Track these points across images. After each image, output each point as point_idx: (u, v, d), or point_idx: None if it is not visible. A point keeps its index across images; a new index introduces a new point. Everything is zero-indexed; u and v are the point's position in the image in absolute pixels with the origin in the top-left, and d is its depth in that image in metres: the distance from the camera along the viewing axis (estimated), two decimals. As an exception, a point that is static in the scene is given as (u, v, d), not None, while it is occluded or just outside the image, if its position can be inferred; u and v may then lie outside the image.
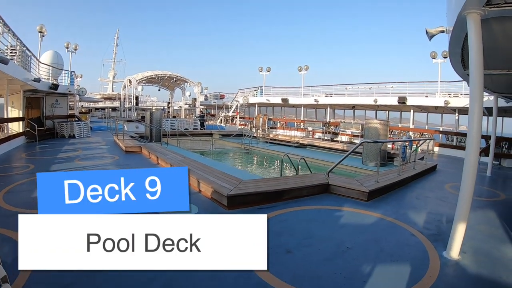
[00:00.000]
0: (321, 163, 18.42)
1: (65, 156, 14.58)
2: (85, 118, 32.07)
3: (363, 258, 5.37)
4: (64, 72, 26.89)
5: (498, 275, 5.09)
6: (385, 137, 17.91)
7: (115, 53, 73.66)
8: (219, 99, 51.07)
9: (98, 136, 24.58)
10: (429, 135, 24.73)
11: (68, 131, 23.20)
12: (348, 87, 33.32)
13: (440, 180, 12.99)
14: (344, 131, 29.24)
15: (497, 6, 5.15)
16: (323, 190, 9.39)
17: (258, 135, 29.79)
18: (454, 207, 5.99)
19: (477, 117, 5.41)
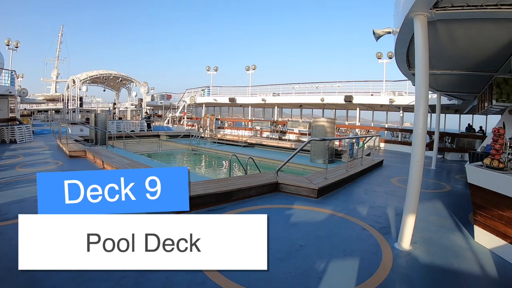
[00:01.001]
0: (270, 162, 18.54)
1: (5, 164, 13.64)
2: (27, 122, 30.19)
3: (317, 255, 5.38)
4: (4, 72, 25.29)
5: (450, 262, 5.33)
6: (332, 135, 18.14)
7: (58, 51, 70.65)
8: (166, 99, 49.86)
9: (41, 140, 23.41)
10: (375, 132, 25.45)
11: (8, 135, 21.90)
12: (295, 87, 33.63)
13: (387, 174, 13.42)
14: (292, 130, 29.62)
15: (443, 9, 5.43)
16: (273, 189, 9.34)
17: (205, 136, 29.57)
18: (402, 200, 6.19)
19: (422, 114, 5.66)
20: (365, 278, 4.62)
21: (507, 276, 5.02)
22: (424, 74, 5.59)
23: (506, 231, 5.51)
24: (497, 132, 6.05)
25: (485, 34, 7.03)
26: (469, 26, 6.52)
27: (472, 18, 5.84)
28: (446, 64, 10.01)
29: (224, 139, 28.37)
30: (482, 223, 6.08)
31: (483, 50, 8.35)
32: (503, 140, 6.11)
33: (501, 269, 5.21)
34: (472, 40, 7.49)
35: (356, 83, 29.35)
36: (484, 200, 5.97)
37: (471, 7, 5.39)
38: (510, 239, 5.43)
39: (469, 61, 9.53)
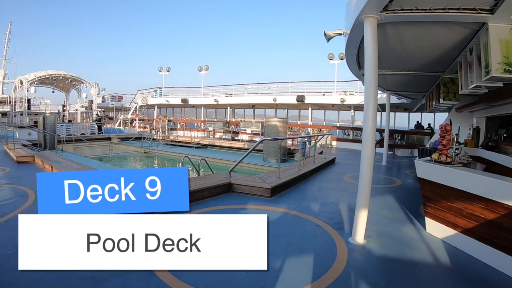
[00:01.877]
0: (223, 163, 18.57)
1: None
2: None
3: (272, 254, 5.10)
4: None
5: (403, 253, 5.56)
6: (285, 134, 18.31)
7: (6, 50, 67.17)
8: (117, 100, 48.35)
9: None
10: (327, 131, 25.89)
11: None
12: (248, 87, 33.63)
13: (339, 171, 13.73)
14: (245, 130, 29.74)
15: (393, 12, 5.67)
16: (226, 189, 9.24)
17: (158, 137, 29.21)
18: (354, 196, 6.32)
19: (371, 113, 5.86)
20: (322, 274, 4.69)
21: (459, 262, 5.30)
22: (373, 75, 5.78)
23: (456, 221, 5.81)
24: (444, 128, 6.37)
25: (433, 37, 7.35)
26: (417, 29, 6.81)
27: (421, 21, 6.12)
28: (396, 64, 10.40)
29: (176, 140, 28.04)
30: (432, 214, 6.39)
31: (431, 52, 8.72)
32: (450, 136, 6.45)
33: (453, 256, 5.50)
34: (420, 42, 7.82)
35: (308, 83, 29.71)
36: (434, 193, 6.27)
37: (419, 10, 5.65)
38: (460, 228, 5.74)
39: (418, 62, 9.94)
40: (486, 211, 5.21)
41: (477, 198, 5.34)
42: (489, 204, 5.13)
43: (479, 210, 5.32)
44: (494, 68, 5.91)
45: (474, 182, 5.46)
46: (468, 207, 5.53)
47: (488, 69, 6.09)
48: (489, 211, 5.15)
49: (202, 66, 37.72)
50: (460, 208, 5.69)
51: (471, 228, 5.53)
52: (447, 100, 11.25)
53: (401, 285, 4.58)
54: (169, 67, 40.59)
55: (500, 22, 5.78)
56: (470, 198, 5.48)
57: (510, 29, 5.81)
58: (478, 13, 5.59)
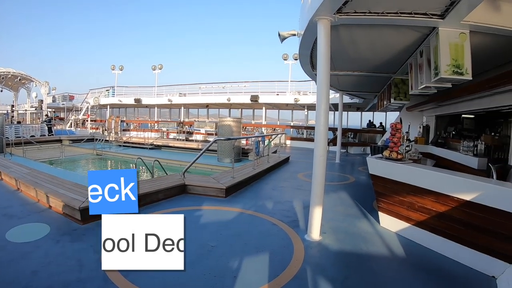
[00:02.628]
0: (177, 164, 18.35)
1: None
2: None
3: (230, 254, 5.36)
4: None
5: (359, 247, 5.73)
6: (239, 134, 18.38)
7: None
8: (69, 100, 46.66)
9: None
10: (280, 130, 26.16)
11: None
12: (202, 87, 33.40)
13: (293, 170, 13.91)
14: (199, 130, 29.61)
15: (346, 14, 5.84)
16: (180, 191, 9.19)
17: (110, 139, 28.50)
18: (309, 193, 6.39)
19: (324, 112, 6.00)
20: (280, 272, 4.75)
21: (414, 253, 5.55)
22: (326, 75, 5.93)
23: (408, 215, 6.06)
24: (394, 126, 6.63)
25: (385, 39, 7.60)
26: (370, 31, 7.05)
27: (374, 24, 6.31)
28: (348, 65, 10.69)
29: (130, 141, 27.56)
30: (385, 209, 6.64)
31: (382, 54, 9.00)
32: (401, 134, 6.70)
33: (407, 248, 5.75)
34: (372, 44, 8.07)
35: (262, 83, 29.87)
36: (386, 188, 6.50)
37: (372, 13, 5.84)
38: (413, 221, 6.00)
39: (370, 63, 10.24)
40: (437, 204, 5.46)
41: (428, 192, 5.59)
42: (439, 198, 5.38)
43: (430, 203, 5.57)
44: (443, 70, 6.18)
45: (424, 177, 5.71)
46: (420, 201, 5.78)
47: (437, 71, 6.36)
48: (440, 204, 5.40)
49: (156, 65, 37.13)
50: (412, 202, 5.94)
51: (423, 221, 5.79)
52: (398, 100, 11.64)
53: (358, 279, 4.69)
54: (122, 65, 39.68)
55: (450, 26, 6.05)
56: (421, 192, 5.72)
57: (459, 33, 6.10)
58: (429, 18, 5.84)
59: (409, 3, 5.57)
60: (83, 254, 5.22)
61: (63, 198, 7.39)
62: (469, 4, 5.16)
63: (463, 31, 6.09)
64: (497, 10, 5.56)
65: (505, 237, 4.60)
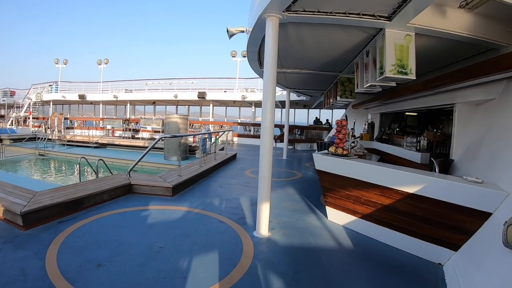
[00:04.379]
0: (123, 163, 18.19)
1: None
2: None
3: (178, 255, 5.29)
4: None
5: (308, 242, 5.85)
6: (186, 131, 18.40)
7: None
8: (9, 96, 45.37)
9: None
10: (228, 127, 26.22)
11: None
12: (148, 82, 33.18)
13: (240, 167, 14.01)
14: (145, 128, 29.17)
15: (295, 12, 5.90)
16: (126, 191, 9.00)
17: (53, 137, 27.69)
18: (256, 190, 6.44)
19: (270, 109, 6.06)
20: (230, 269, 4.77)
21: (361, 245, 5.75)
22: (272, 72, 6.00)
23: (354, 208, 6.26)
24: (340, 123, 6.80)
25: (333, 38, 7.70)
26: (318, 30, 7.12)
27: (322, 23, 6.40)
28: (295, 63, 10.84)
29: (74, 140, 26.93)
30: (332, 203, 6.82)
31: (330, 53, 9.12)
32: (346, 130, 6.89)
33: (355, 240, 5.95)
34: (320, 43, 8.17)
35: (210, 80, 29.91)
36: (332, 183, 6.67)
37: (321, 13, 5.92)
38: (359, 214, 6.22)
39: (317, 62, 10.37)
40: (382, 197, 5.67)
41: (373, 186, 5.79)
42: (384, 191, 5.59)
43: (376, 196, 5.77)
44: (388, 69, 6.37)
45: (369, 172, 5.91)
46: (365, 194, 5.98)
47: (383, 70, 6.55)
48: (385, 197, 5.61)
49: (102, 60, 36.57)
50: (358, 196, 6.13)
51: (369, 213, 6.00)
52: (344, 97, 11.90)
53: (308, 272, 4.77)
54: (66, 59, 38.64)
55: (396, 28, 6.24)
56: (367, 187, 5.92)
57: (405, 35, 6.31)
58: (376, 19, 5.98)
59: (358, 4, 5.67)
60: (26, 262, 4.98)
61: (3, 202, 6.93)
62: (415, 7, 5.33)
63: (408, 33, 6.30)
64: (441, 14, 5.81)
65: (448, 227, 4.84)
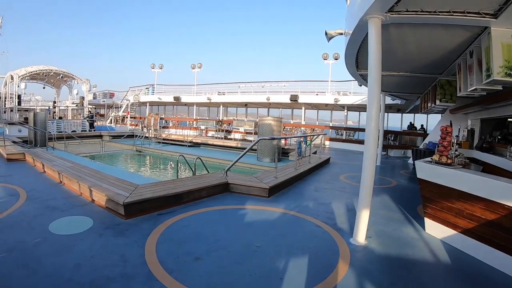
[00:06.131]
0: (217, 162, 18.43)
1: None
2: None
3: (275, 255, 5.28)
4: None
5: (405, 253, 5.57)
6: (279, 133, 18.26)
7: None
8: (109, 97, 48.13)
9: None
10: (320, 130, 25.93)
11: None
12: (241, 85, 33.71)
13: (334, 171, 13.72)
14: (237, 129, 29.70)
15: (398, 13, 5.68)
16: (223, 189, 9.17)
17: (150, 136, 29.07)
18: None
19: (374, 114, 5.82)
20: (326, 275, 4.65)
21: (460, 262, 5.34)
22: (377, 76, 5.76)
23: (456, 222, 5.85)
24: (445, 130, 6.40)
25: (434, 39, 7.38)
26: (419, 31, 6.85)
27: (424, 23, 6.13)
28: (393, 66, 10.46)
29: (169, 139, 27.98)
30: (432, 215, 6.44)
31: (430, 54, 8.75)
32: (451, 137, 6.48)
33: (453, 256, 5.53)
34: (421, 43, 7.85)
35: (301, 83, 29.83)
36: (434, 194, 6.30)
37: (424, 12, 5.67)
38: (460, 228, 5.78)
39: (416, 63, 9.99)
40: (486, 212, 5.25)
41: (478, 199, 5.38)
42: (490, 205, 5.17)
43: (480, 211, 5.37)
44: (495, 72, 5.96)
45: (476, 184, 5.49)
46: (469, 208, 5.58)
47: (490, 73, 6.14)
48: (490, 212, 5.19)
49: (196, 64, 37.74)
50: (461, 209, 5.73)
51: (471, 229, 5.58)
52: (444, 101, 11.35)
53: (404, 286, 4.55)
54: (161, 64, 40.50)
55: (503, 26, 5.83)
56: (471, 199, 5.51)
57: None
58: (482, 17, 5.63)
59: (462, 2, 5.39)
60: (126, 249, 5.24)
61: (107, 193, 7.45)
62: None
63: (516, 31, 5.88)
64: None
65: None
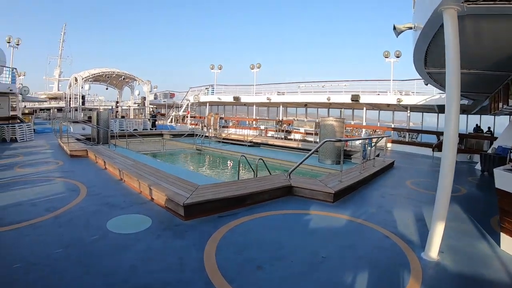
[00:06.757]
0: (277, 162, 18.18)
1: (5, 163, 13.00)
2: (28, 120, 29.38)
3: (342, 268, 4.96)
4: (4, 70, 24.49)
5: (480, 272, 5.00)
6: (341, 134, 17.80)
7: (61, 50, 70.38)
8: (169, 98, 50.25)
9: (42, 139, 22.77)
10: (381, 132, 25.11)
11: (9, 134, 21.30)
12: (301, 85, 33.34)
13: (399, 176, 13.03)
14: (298, 129, 29.37)
15: (475, 3, 5.01)
16: (286, 192, 8.89)
17: (210, 135, 29.44)
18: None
19: (454, 117, 5.29)
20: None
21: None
22: (456, 73, 5.22)
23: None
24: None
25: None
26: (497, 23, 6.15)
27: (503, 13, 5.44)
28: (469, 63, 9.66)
29: (228, 138, 28.19)
30: (510, 230, 5.72)
31: (505, 49, 7.98)
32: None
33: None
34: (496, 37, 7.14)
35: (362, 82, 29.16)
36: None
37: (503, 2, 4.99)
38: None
39: (489, 60, 9.22)
40: None
41: None
42: None
43: None
44: None
45: None
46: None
47: None
48: None
49: (254, 64, 37.78)
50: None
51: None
52: (517, 102, 10.35)
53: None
54: (220, 65, 40.99)
55: None
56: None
57: None
58: None
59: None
60: (184, 252, 5.18)
61: (167, 192, 7.50)
62: None
63: None
64: None
65: None
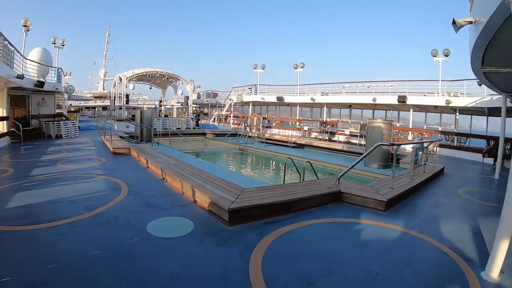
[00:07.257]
0: (321, 165, 17.71)
1: (49, 159, 13.39)
2: (73, 117, 30.98)
3: (398, 286, 4.53)
4: (51, 69, 25.51)
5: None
6: (389, 137, 17.14)
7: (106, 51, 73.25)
8: (212, 97, 50.80)
9: (87, 136, 23.43)
10: (428, 135, 24.12)
11: (55, 131, 22.01)
12: (346, 86, 32.55)
13: (451, 184, 12.16)
14: (342, 131, 28.70)
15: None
16: (335, 199, 8.39)
17: (253, 135, 29.40)
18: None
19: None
20: None
21: None
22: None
23: None
24: None
25: None
26: None
27: None
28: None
29: (272, 139, 28.07)
30: None
31: None
32: None
33: None
34: None
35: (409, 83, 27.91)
36: None
37: None
38: None
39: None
40: None
41: None
42: None
43: None
44: None
45: None
46: None
47: None
48: None
49: (298, 64, 37.28)
50: None
51: None
52: None
53: None
54: (264, 64, 40.43)
55: None
56: None
57: None
58: None
59: None
60: (229, 261, 4.87)
61: (211, 195, 7.23)
62: None
63: None
64: None
65: None
